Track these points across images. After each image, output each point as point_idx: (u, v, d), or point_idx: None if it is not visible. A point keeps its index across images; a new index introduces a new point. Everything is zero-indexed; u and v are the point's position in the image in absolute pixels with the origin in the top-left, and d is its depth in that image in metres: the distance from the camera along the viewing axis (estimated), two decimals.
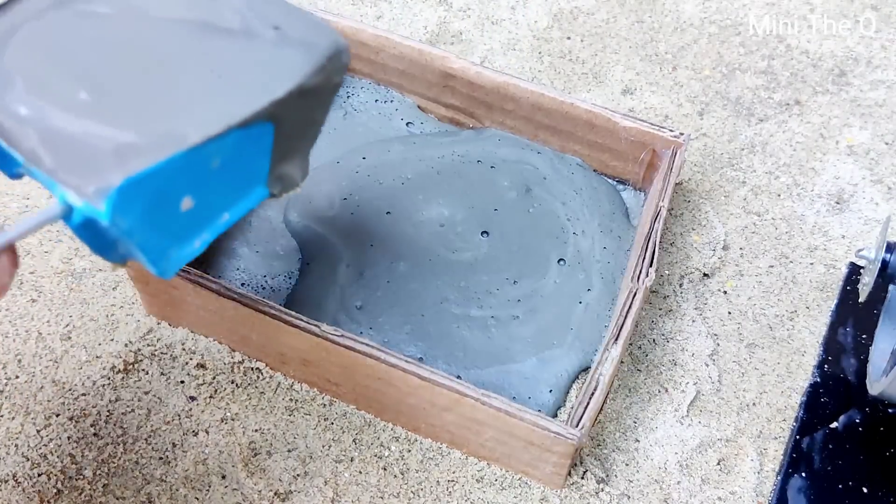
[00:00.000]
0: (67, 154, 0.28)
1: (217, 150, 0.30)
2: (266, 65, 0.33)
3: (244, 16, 0.34)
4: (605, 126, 0.49)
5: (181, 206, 0.30)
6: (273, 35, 0.34)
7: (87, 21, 0.33)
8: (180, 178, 0.29)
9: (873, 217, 0.52)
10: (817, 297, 0.48)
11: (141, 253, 0.29)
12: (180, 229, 0.31)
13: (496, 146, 0.51)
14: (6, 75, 0.30)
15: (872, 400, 0.44)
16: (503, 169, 0.50)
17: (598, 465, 0.41)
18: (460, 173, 0.50)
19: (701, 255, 0.49)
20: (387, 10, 0.61)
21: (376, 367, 0.38)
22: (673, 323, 0.47)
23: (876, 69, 0.59)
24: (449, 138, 0.52)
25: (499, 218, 0.48)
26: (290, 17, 0.35)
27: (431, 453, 0.41)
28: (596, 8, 0.62)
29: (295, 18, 0.35)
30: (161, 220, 0.30)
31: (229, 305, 0.40)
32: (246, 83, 0.32)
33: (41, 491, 0.39)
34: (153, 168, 0.28)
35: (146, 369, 0.43)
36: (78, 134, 0.29)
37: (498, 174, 0.50)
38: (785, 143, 0.55)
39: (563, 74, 0.58)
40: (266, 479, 0.40)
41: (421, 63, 0.51)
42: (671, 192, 0.45)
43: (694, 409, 0.44)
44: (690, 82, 0.58)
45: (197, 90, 0.31)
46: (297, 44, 0.34)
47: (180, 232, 0.31)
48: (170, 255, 0.30)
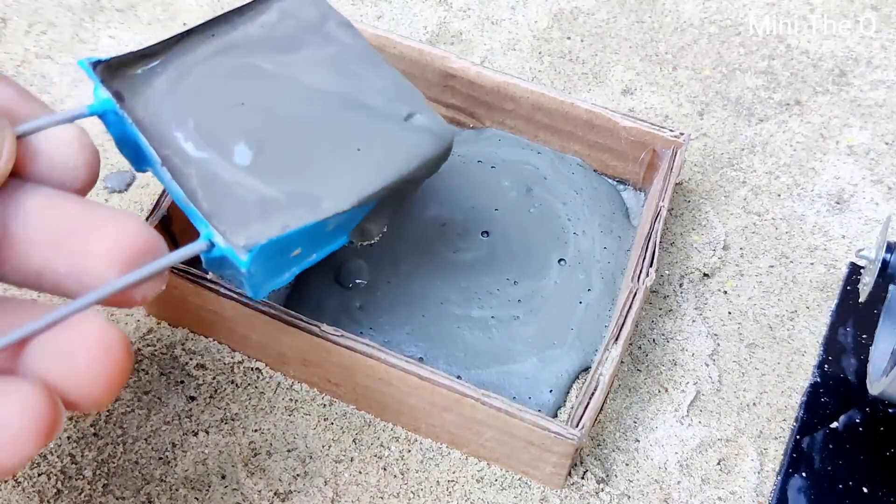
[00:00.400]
0: (220, 199, 0.32)
1: (338, 218, 0.34)
2: (396, 146, 0.36)
3: (387, 97, 0.38)
4: (605, 126, 0.49)
5: (292, 253, 0.34)
6: (406, 120, 0.38)
7: (251, 75, 0.37)
8: (304, 237, 0.34)
9: (873, 217, 0.52)
10: (817, 297, 0.48)
11: (248, 284, 0.33)
12: (283, 268, 0.35)
13: (496, 146, 0.51)
14: (181, 113, 0.34)
15: (873, 400, 0.44)
16: (504, 169, 0.50)
17: (598, 465, 0.41)
18: (461, 173, 0.50)
19: (701, 255, 0.49)
20: (387, 10, 0.61)
21: (376, 367, 0.38)
22: (673, 323, 0.47)
23: (876, 69, 0.59)
24: None
25: (500, 218, 0.48)
26: (422, 107, 0.39)
27: (431, 453, 0.41)
28: (596, 8, 0.62)
29: (426, 110, 0.39)
30: (274, 264, 0.34)
31: (229, 305, 0.40)
32: (376, 160, 0.36)
33: (41, 491, 0.39)
34: (291, 232, 0.32)
35: (146, 369, 0.43)
36: (231, 182, 0.33)
37: (498, 174, 0.50)
38: (785, 143, 0.55)
39: (563, 74, 0.58)
40: (266, 479, 0.40)
41: (421, 63, 0.51)
42: (671, 192, 0.45)
43: (694, 409, 0.44)
44: (690, 82, 0.58)
45: (335, 159, 0.35)
46: (424, 132, 0.38)
47: (282, 270, 0.35)
48: (266, 286, 0.34)
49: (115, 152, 0.51)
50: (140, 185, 0.50)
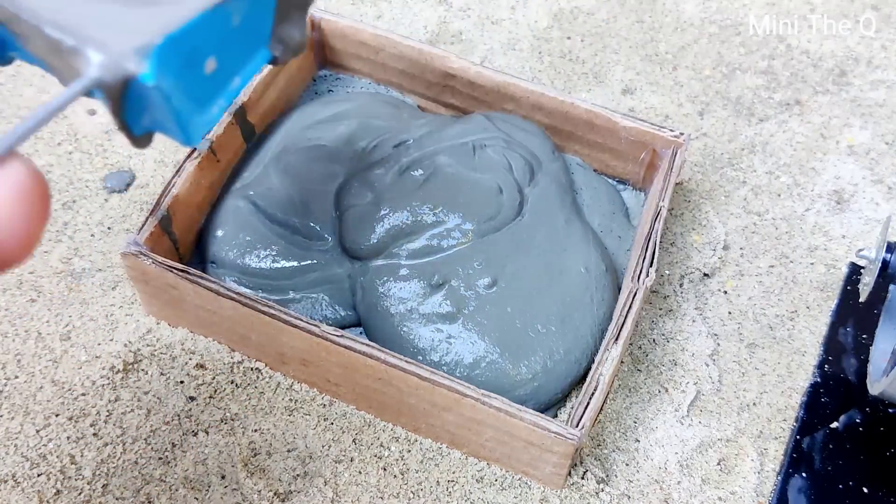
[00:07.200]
0: (86, 23, 0.26)
1: (237, 5, 0.29)
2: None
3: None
4: (605, 126, 0.49)
5: (206, 67, 0.29)
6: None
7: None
8: (208, 35, 0.28)
9: (874, 217, 0.52)
10: (818, 297, 0.48)
11: (173, 117, 0.28)
12: (203, 93, 0.29)
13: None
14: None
15: (873, 400, 0.44)
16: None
17: (598, 465, 0.41)
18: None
19: (701, 255, 0.49)
20: (387, 10, 0.61)
21: (376, 367, 0.38)
22: (673, 323, 0.47)
23: (876, 69, 0.59)
24: None
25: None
26: None
27: (431, 453, 0.41)
28: (596, 8, 0.62)
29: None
30: (190, 82, 0.28)
31: (228, 305, 0.40)
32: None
33: (40, 491, 0.39)
34: (191, 24, 0.27)
35: (145, 369, 0.43)
36: (93, 8, 0.27)
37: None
38: (785, 143, 0.55)
39: (563, 74, 0.58)
40: (266, 480, 0.40)
41: (421, 63, 0.51)
42: (671, 192, 0.45)
43: (694, 409, 0.44)
44: (691, 82, 0.58)
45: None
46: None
47: (203, 96, 0.29)
48: (195, 121, 0.29)
49: (114, 151, 0.51)
50: (140, 185, 0.50)
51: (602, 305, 0.43)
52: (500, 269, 0.43)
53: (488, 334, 0.41)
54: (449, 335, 0.42)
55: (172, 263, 0.40)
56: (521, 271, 0.43)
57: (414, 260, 0.43)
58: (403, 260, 0.43)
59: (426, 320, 0.42)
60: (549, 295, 0.43)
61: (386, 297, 0.43)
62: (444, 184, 0.45)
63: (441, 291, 0.42)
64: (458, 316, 0.42)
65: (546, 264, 0.44)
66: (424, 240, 0.43)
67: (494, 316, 0.42)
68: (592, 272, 0.44)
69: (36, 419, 0.41)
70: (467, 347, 0.41)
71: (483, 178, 0.45)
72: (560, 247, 0.45)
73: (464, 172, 0.45)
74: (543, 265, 0.44)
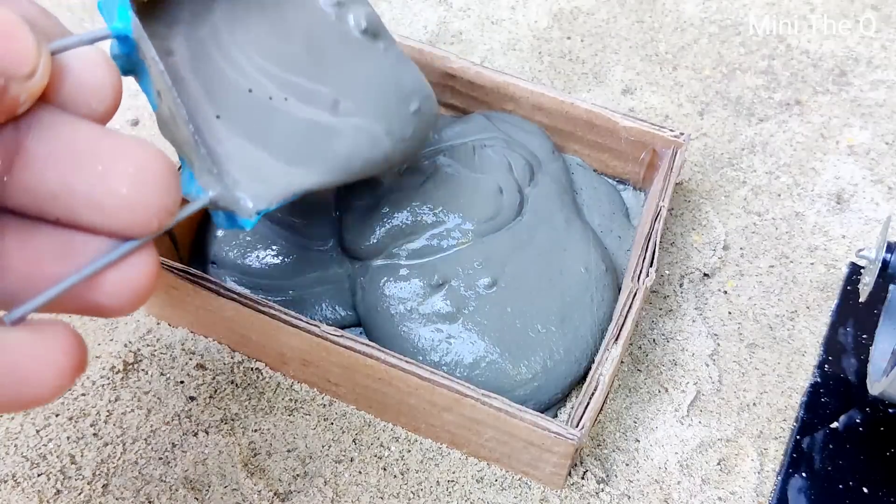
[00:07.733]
0: (225, 155, 0.31)
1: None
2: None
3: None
4: (605, 126, 0.49)
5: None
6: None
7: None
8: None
9: (874, 217, 0.52)
10: (818, 297, 0.48)
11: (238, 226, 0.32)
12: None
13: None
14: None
15: (873, 400, 0.44)
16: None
17: (598, 465, 0.41)
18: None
19: (701, 255, 0.49)
20: (387, 10, 0.61)
21: (376, 367, 0.38)
22: (673, 323, 0.47)
23: (876, 69, 0.59)
24: None
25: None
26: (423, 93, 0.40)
27: (431, 453, 0.41)
28: (596, 8, 0.62)
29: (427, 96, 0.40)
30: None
31: (229, 305, 0.40)
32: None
33: (40, 491, 0.39)
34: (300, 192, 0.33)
35: (146, 369, 0.43)
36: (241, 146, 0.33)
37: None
38: (785, 143, 0.55)
39: (563, 74, 0.58)
40: (266, 480, 0.40)
41: (421, 63, 0.51)
42: (671, 192, 0.45)
43: (694, 409, 0.44)
44: (691, 82, 0.58)
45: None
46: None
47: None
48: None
49: None
50: None
51: (602, 305, 0.43)
52: (500, 269, 0.43)
53: (488, 334, 0.41)
54: (449, 335, 0.42)
55: (172, 263, 0.40)
56: (521, 271, 0.43)
57: (414, 260, 0.43)
58: (403, 260, 0.43)
59: (426, 320, 0.42)
60: (549, 295, 0.43)
61: (386, 297, 0.43)
62: (444, 184, 0.45)
63: (441, 291, 0.42)
64: (458, 316, 0.42)
65: (546, 264, 0.44)
66: (424, 240, 0.43)
67: (494, 316, 0.42)
68: (592, 272, 0.44)
69: (36, 419, 0.41)
70: (467, 347, 0.41)
71: (483, 178, 0.45)
72: (560, 247, 0.45)
73: (464, 172, 0.45)
74: (543, 265, 0.44)
